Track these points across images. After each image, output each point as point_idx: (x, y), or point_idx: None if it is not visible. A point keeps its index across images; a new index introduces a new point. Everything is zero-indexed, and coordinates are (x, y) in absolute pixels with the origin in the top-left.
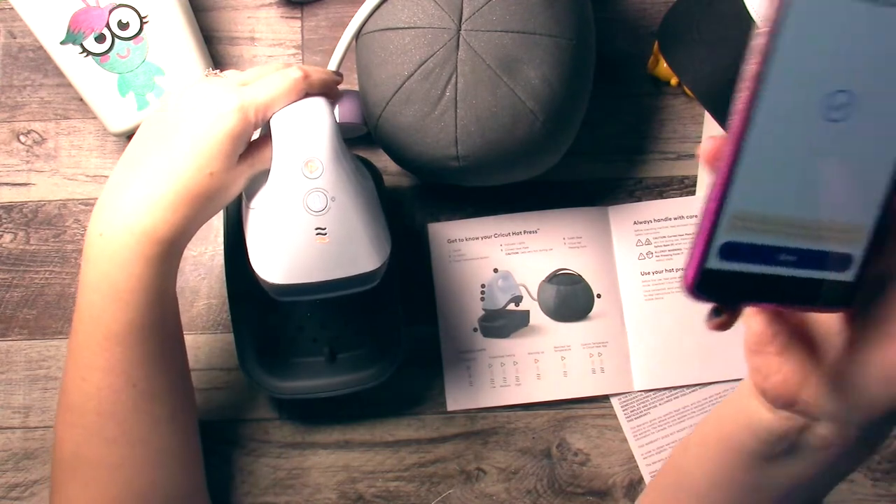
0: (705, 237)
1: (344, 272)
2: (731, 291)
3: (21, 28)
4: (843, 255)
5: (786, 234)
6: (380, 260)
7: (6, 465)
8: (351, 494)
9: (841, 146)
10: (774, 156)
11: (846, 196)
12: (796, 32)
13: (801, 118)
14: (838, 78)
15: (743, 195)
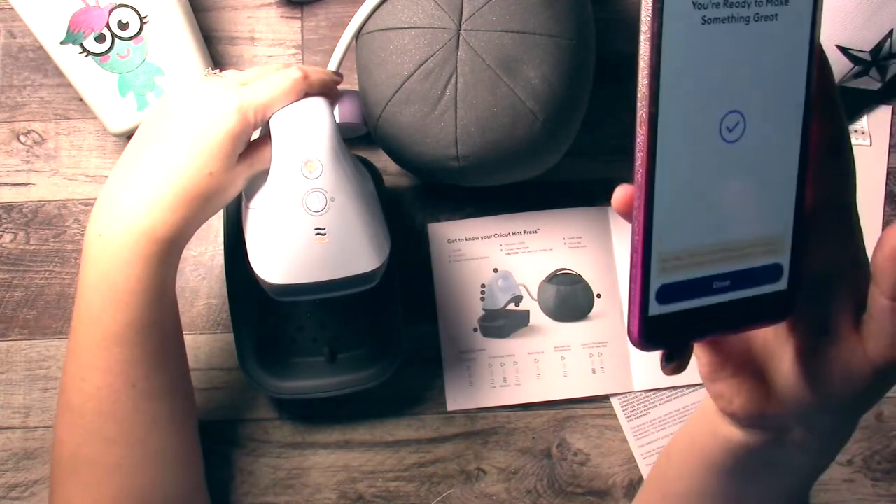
0: (639, 287)
1: (343, 272)
2: (679, 331)
3: (21, 28)
4: (773, 266)
5: (714, 261)
6: (379, 260)
7: (6, 465)
8: (351, 494)
9: (743, 164)
10: (684, 189)
11: (760, 210)
12: (674, 68)
13: (701, 146)
14: (726, 100)
15: (665, 236)
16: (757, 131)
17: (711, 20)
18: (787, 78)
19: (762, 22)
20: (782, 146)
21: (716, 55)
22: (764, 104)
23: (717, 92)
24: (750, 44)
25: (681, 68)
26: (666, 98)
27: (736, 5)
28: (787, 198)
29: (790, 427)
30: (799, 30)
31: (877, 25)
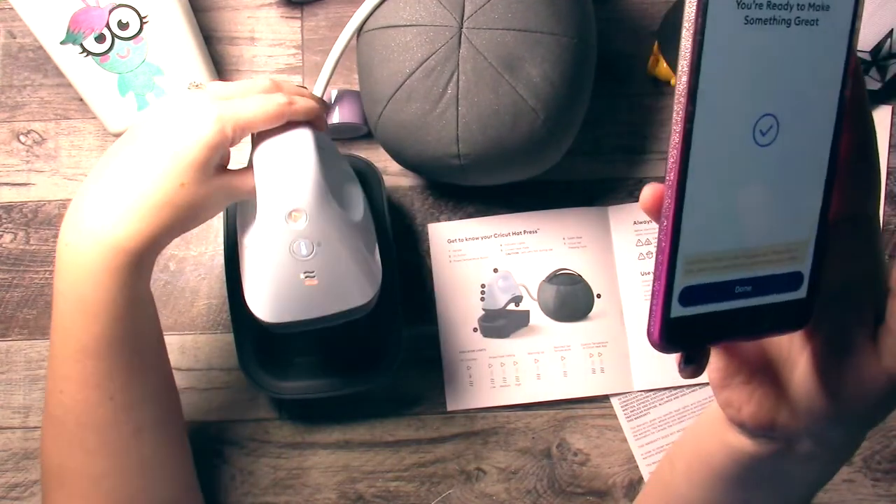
0: (664, 288)
1: (335, 308)
2: (698, 334)
3: (21, 28)
4: (794, 273)
5: (738, 266)
6: (371, 292)
7: (6, 465)
8: (351, 494)
9: (773, 168)
10: (715, 191)
11: (786, 215)
12: (715, 67)
13: (735, 149)
14: (762, 102)
15: (692, 239)
16: (789, 136)
17: (754, 20)
18: (822, 84)
19: (803, 26)
20: (813, 152)
21: (755, 56)
22: (798, 109)
23: (755, 94)
24: (789, 47)
25: (721, 67)
26: (704, 97)
27: (779, 7)
28: (813, 205)
29: (799, 438)
30: (837, 36)
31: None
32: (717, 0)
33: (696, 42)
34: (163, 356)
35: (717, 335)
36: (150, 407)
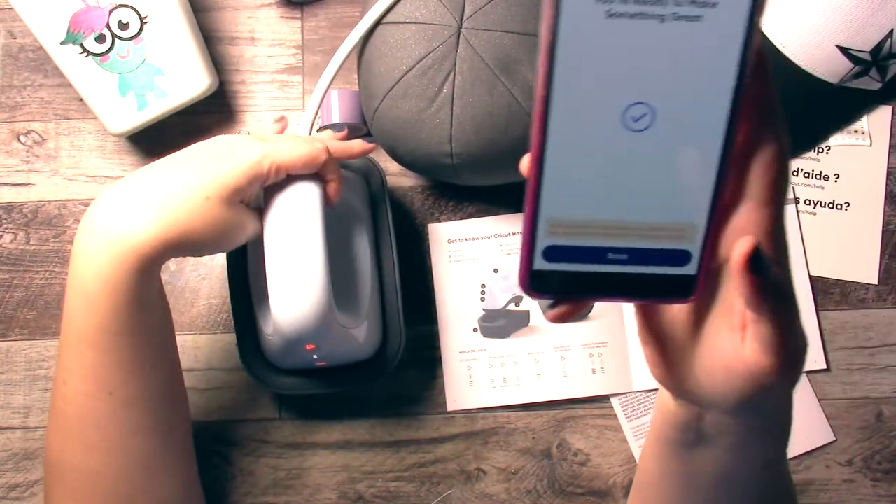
0: (527, 241)
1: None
2: (564, 287)
3: (21, 28)
4: (679, 251)
5: (609, 235)
6: (374, 348)
7: (6, 465)
8: (351, 494)
9: (649, 153)
10: (579, 166)
11: (668, 198)
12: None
13: (600, 130)
14: (632, 91)
15: (554, 203)
16: (669, 125)
17: (618, 15)
18: (711, 78)
19: (682, 21)
20: (700, 142)
21: (621, 48)
22: (680, 100)
23: (622, 82)
24: (665, 41)
25: (579, 57)
26: (560, 83)
27: (648, 3)
28: (702, 191)
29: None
30: (728, 33)
31: (877, 25)
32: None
33: (552, 33)
34: (170, 358)
35: (586, 291)
36: (151, 407)
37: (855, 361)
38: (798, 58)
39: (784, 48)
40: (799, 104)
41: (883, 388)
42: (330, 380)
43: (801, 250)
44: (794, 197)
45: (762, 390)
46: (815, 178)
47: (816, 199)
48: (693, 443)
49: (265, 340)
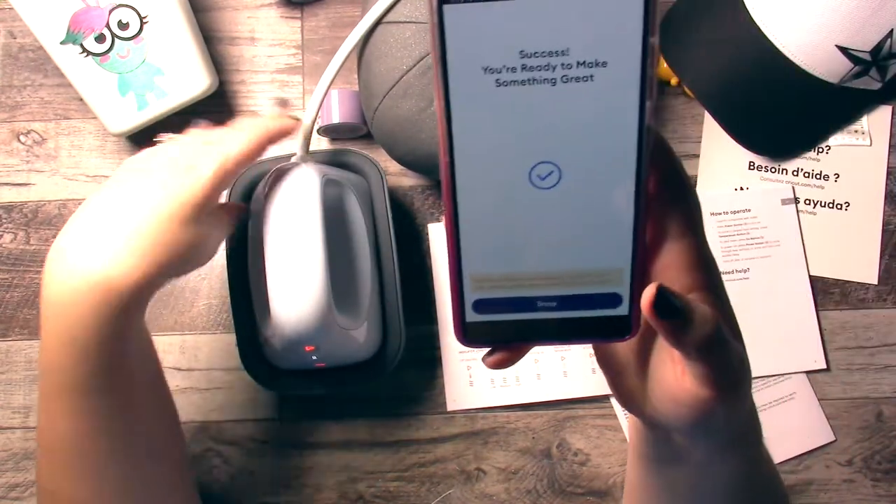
0: (455, 296)
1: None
2: (499, 335)
3: (21, 28)
4: (609, 294)
5: (535, 286)
6: (374, 348)
7: (6, 465)
8: (351, 494)
9: (561, 207)
10: (494, 224)
11: (587, 247)
12: (469, 122)
13: (510, 189)
14: (535, 151)
15: (474, 261)
16: (577, 179)
17: (508, 83)
18: (613, 131)
19: (574, 83)
20: (611, 192)
21: (518, 112)
22: (585, 156)
23: (524, 144)
24: (561, 103)
25: (475, 125)
26: (462, 148)
27: (537, 69)
28: (621, 236)
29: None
30: (623, 87)
31: (877, 25)
32: (459, 70)
33: (444, 103)
34: (159, 391)
35: (521, 338)
36: (144, 440)
37: (855, 361)
38: (798, 58)
39: (784, 48)
40: (799, 104)
41: (883, 388)
42: (330, 380)
43: (801, 250)
44: (794, 197)
45: (709, 416)
46: (815, 178)
47: (816, 199)
48: (667, 459)
49: (265, 341)
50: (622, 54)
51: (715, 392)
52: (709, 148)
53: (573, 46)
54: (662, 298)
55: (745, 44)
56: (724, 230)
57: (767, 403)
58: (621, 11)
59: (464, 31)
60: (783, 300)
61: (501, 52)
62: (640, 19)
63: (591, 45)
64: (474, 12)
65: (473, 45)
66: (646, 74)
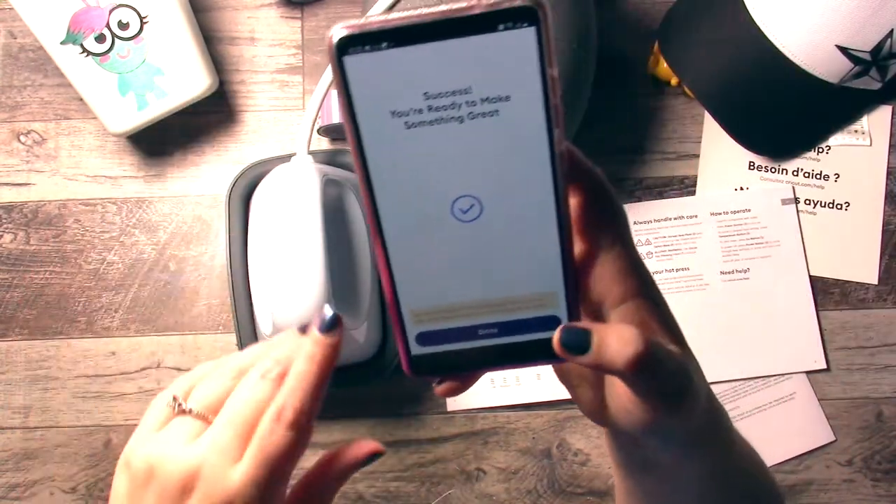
0: (398, 332)
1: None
2: (449, 364)
3: (21, 28)
4: (547, 317)
5: (473, 315)
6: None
7: (6, 465)
8: (351, 494)
9: (487, 238)
10: (424, 260)
11: (519, 274)
12: (384, 164)
13: (434, 225)
14: (454, 186)
15: (411, 297)
16: (499, 210)
17: (417, 124)
18: (525, 162)
19: (480, 118)
20: (534, 219)
21: (431, 151)
22: (502, 187)
23: (442, 180)
24: (471, 138)
25: (391, 166)
26: (382, 190)
27: (443, 108)
28: (550, 262)
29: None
30: (529, 119)
31: (877, 25)
32: (368, 116)
33: (357, 148)
34: None
35: (468, 366)
36: None
37: (855, 361)
38: (798, 58)
39: (784, 48)
40: (799, 104)
41: (883, 388)
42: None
43: (801, 250)
44: (794, 197)
45: (659, 425)
46: (815, 178)
47: (816, 199)
48: (640, 466)
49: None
50: (523, 88)
51: (657, 405)
52: (709, 148)
53: (475, 84)
54: (567, 335)
55: (745, 44)
56: (724, 230)
57: (767, 403)
58: (517, 48)
59: (367, 78)
60: (783, 300)
61: (406, 95)
62: (535, 54)
63: (492, 82)
64: (375, 60)
65: (378, 92)
66: (549, 105)
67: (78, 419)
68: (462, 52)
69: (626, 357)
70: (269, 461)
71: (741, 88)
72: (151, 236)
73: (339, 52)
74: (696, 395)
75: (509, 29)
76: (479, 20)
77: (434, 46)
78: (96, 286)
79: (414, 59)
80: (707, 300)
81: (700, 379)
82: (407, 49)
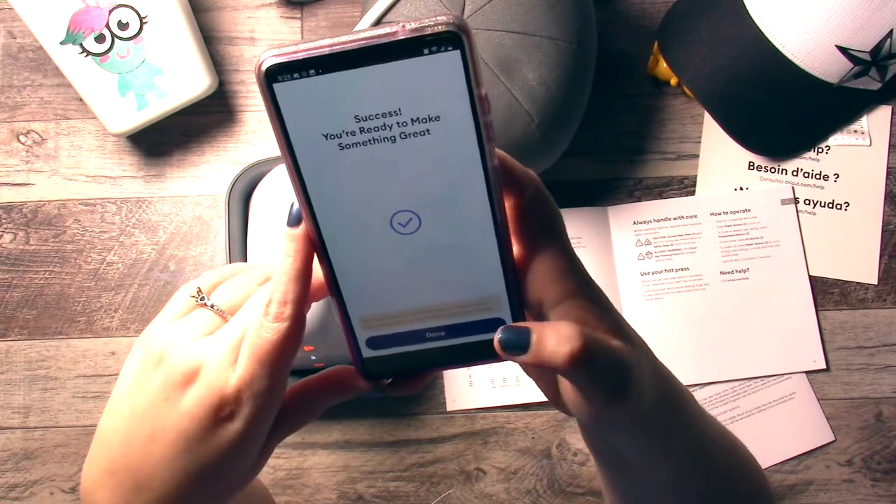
0: (349, 338)
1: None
2: (400, 366)
3: (21, 28)
4: (492, 319)
5: (421, 319)
6: None
7: (6, 465)
8: (351, 494)
9: (427, 249)
10: (368, 271)
11: (461, 280)
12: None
13: (375, 238)
14: (392, 202)
15: (358, 304)
16: (437, 222)
17: (350, 145)
18: (459, 177)
19: (412, 138)
20: (471, 229)
21: (367, 170)
22: (439, 201)
23: (379, 197)
24: (405, 157)
25: (328, 185)
26: (321, 208)
27: (374, 130)
28: (490, 268)
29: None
30: (460, 136)
31: (876, 26)
32: (301, 139)
33: (294, 169)
34: None
35: (419, 367)
36: None
37: (855, 361)
38: (798, 58)
39: (784, 48)
40: (799, 104)
41: (883, 388)
42: None
43: (800, 250)
44: (793, 197)
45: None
46: (815, 178)
47: (816, 199)
48: (611, 454)
49: None
50: (452, 108)
51: (600, 398)
52: (709, 148)
53: (404, 106)
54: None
55: (745, 44)
56: (723, 230)
57: (767, 403)
58: (443, 70)
59: (298, 104)
60: (783, 300)
61: (338, 119)
62: (462, 75)
63: (422, 103)
64: (304, 86)
65: (310, 116)
66: (479, 122)
67: (78, 419)
68: (390, 75)
69: (562, 355)
70: (260, 356)
71: (741, 88)
72: (151, 236)
73: (268, 80)
74: (639, 385)
75: (434, 53)
76: (405, 45)
77: (362, 72)
78: (96, 286)
79: (343, 84)
80: (707, 300)
81: (646, 368)
82: (335, 75)
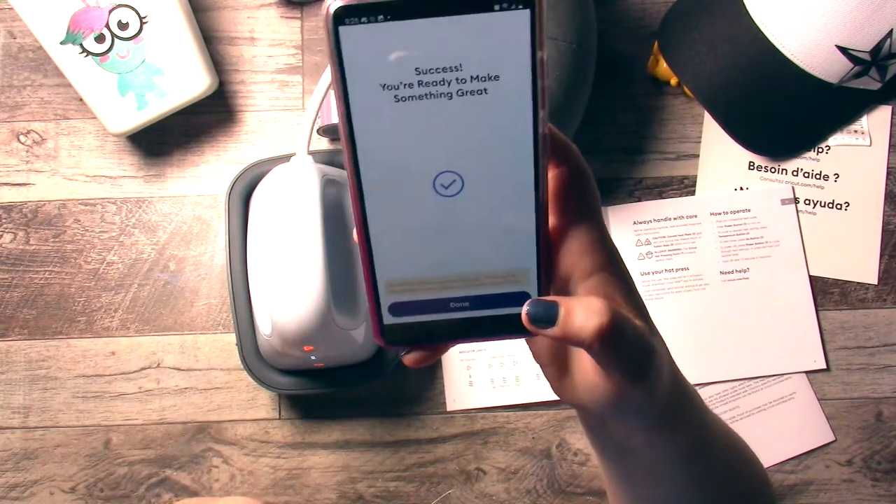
0: (372, 301)
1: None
2: (420, 334)
3: (21, 28)
4: (517, 293)
5: (446, 288)
6: (374, 349)
7: (6, 465)
8: (351, 494)
9: (466, 214)
10: (401, 232)
11: (494, 249)
12: (371, 136)
13: (416, 199)
14: (437, 161)
15: (387, 268)
16: (480, 187)
17: (406, 98)
18: (510, 141)
19: (469, 96)
20: (513, 198)
21: (418, 126)
22: (485, 165)
23: (426, 155)
24: (458, 115)
25: (378, 139)
26: (366, 161)
27: (433, 84)
28: (525, 240)
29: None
30: (516, 99)
31: (876, 25)
32: (359, 87)
33: (346, 119)
34: None
35: (438, 337)
36: None
37: (855, 361)
38: (798, 58)
39: (784, 48)
40: (799, 104)
41: (883, 388)
42: (330, 380)
43: (800, 250)
44: (793, 197)
45: (624, 400)
46: (815, 178)
47: (816, 199)
48: (616, 449)
49: (263, 341)
50: (513, 69)
51: (622, 379)
52: (709, 148)
53: (466, 62)
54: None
55: (744, 44)
56: (723, 230)
57: (767, 403)
58: (510, 29)
59: (361, 50)
60: (783, 300)
61: (398, 69)
62: (528, 36)
63: (483, 61)
64: (370, 32)
65: (371, 64)
66: (537, 86)
67: (78, 419)
68: (456, 29)
69: (590, 329)
70: None
71: (741, 88)
72: (151, 236)
73: (335, 22)
74: (659, 368)
75: (504, 10)
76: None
77: (429, 22)
78: (96, 286)
79: (408, 33)
80: (707, 300)
81: (665, 355)
82: (402, 23)
